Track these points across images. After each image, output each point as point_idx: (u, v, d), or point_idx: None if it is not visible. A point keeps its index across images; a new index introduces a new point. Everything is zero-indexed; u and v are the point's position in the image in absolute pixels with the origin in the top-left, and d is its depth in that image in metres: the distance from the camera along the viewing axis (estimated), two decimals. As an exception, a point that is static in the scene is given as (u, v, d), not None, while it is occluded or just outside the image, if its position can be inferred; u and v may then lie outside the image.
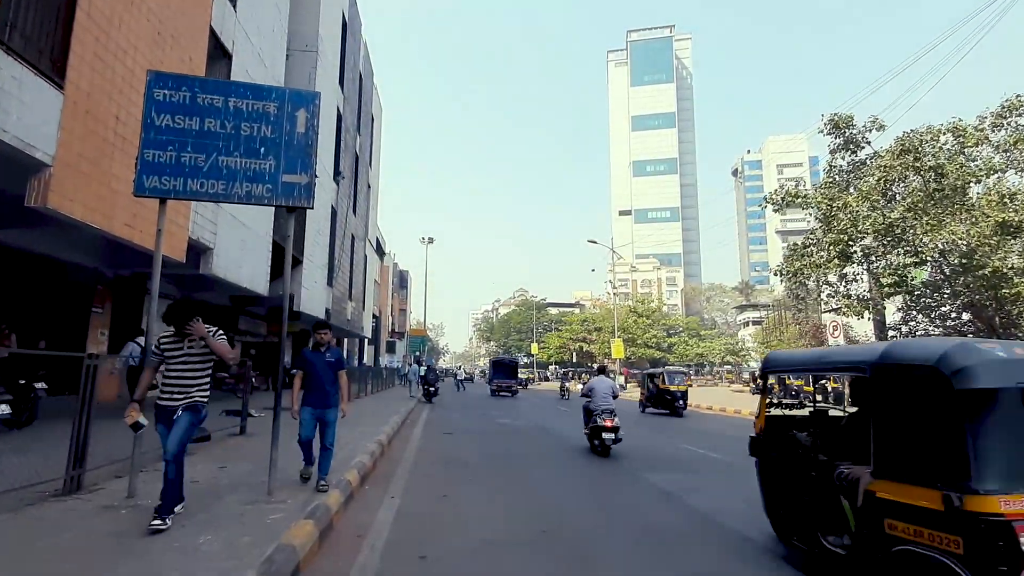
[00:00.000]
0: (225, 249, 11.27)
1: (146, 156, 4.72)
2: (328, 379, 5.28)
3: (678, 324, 65.82)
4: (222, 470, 5.73)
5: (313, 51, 18.31)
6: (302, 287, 17.26)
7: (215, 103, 4.91)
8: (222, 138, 4.88)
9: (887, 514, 2.93)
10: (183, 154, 4.79)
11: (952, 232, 14.97)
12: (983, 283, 16.11)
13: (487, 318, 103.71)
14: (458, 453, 8.92)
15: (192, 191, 4.78)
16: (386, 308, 51.56)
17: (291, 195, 4.94)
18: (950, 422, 2.70)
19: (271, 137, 4.98)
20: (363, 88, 28.23)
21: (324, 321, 5.54)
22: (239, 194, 4.85)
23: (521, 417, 15.94)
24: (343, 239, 24.16)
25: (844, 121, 17.82)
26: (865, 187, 16.70)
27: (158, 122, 4.79)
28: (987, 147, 16.96)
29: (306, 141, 5.05)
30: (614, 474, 7.47)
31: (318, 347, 5.35)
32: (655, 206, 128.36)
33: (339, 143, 22.27)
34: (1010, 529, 2.39)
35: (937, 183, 15.81)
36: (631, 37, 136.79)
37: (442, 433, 11.70)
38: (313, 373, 5.25)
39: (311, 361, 5.29)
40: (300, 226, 17.36)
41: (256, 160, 4.91)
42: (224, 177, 4.83)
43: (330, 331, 5.41)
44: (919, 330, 22.01)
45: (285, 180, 4.94)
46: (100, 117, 7.26)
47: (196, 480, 5.34)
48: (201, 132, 4.85)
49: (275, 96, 5.06)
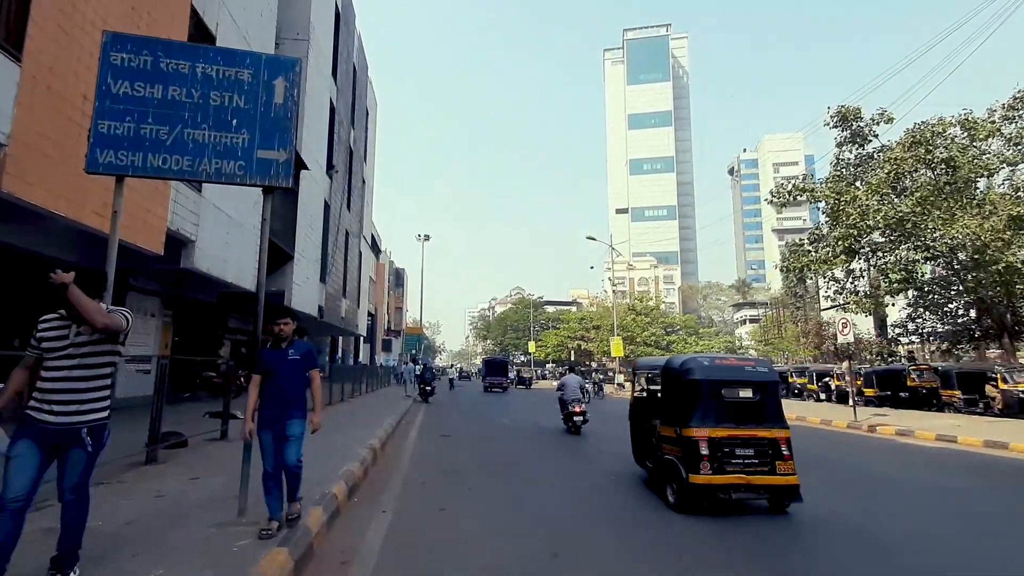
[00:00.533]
0: (209, 242, 10.66)
1: (100, 127, 4.14)
2: (294, 383, 4.09)
3: (676, 323, 65.43)
4: (193, 482, 5.16)
5: (305, 40, 17.68)
6: (293, 283, 16.64)
7: (181, 69, 4.33)
8: (188, 108, 4.30)
9: (661, 440, 5.85)
10: (143, 126, 4.21)
11: (965, 226, 14.53)
12: (995, 279, 15.69)
13: (483, 316, 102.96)
14: (457, 458, 8.37)
15: (153, 168, 4.20)
16: (382, 306, 50.90)
17: (267, 173, 4.37)
18: (681, 396, 5.59)
19: (245, 108, 4.40)
20: (357, 81, 27.58)
21: (284, 308, 4.25)
22: (207, 171, 4.27)
23: (521, 417, 15.40)
24: (337, 234, 23.54)
25: (852, 113, 17.36)
26: (875, 180, 16.23)
27: (115, 89, 4.21)
28: (998, 140, 16.53)
29: (285, 113, 4.48)
30: (623, 481, 6.93)
31: (279, 343, 4.13)
32: (652, 204, 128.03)
33: (332, 135, 21.65)
34: (696, 442, 5.20)
35: (949, 176, 15.36)
36: (628, 36, 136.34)
37: (439, 436, 11.15)
38: (275, 377, 4.04)
39: (271, 362, 4.05)
40: (289, 218, 16.76)
41: (227, 134, 4.33)
42: (190, 152, 4.26)
43: (293, 321, 4.19)
44: (925, 328, 21.62)
45: (260, 156, 4.36)
46: (66, 95, 6.66)
47: (162, 494, 4.77)
48: (164, 101, 4.27)
49: (249, 62, 4.49)
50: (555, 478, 6.97)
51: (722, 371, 5.62)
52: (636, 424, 6.89)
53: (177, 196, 9.55)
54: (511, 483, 6.67)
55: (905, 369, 19.51)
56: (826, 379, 25.14)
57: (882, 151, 17.31)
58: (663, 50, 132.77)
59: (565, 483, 6.66)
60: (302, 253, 17.58)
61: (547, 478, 6.96)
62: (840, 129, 17.80)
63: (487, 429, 12.63)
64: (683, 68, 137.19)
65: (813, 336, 32.75)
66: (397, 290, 63.96)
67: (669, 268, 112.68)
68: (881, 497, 6.41)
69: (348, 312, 26.87)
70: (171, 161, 4.22)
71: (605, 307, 61.96)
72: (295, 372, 4.08)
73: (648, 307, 60.89)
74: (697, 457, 5.15)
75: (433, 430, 12.05)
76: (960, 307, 19.71)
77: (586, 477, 7.05)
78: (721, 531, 4.69)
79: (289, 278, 16.56)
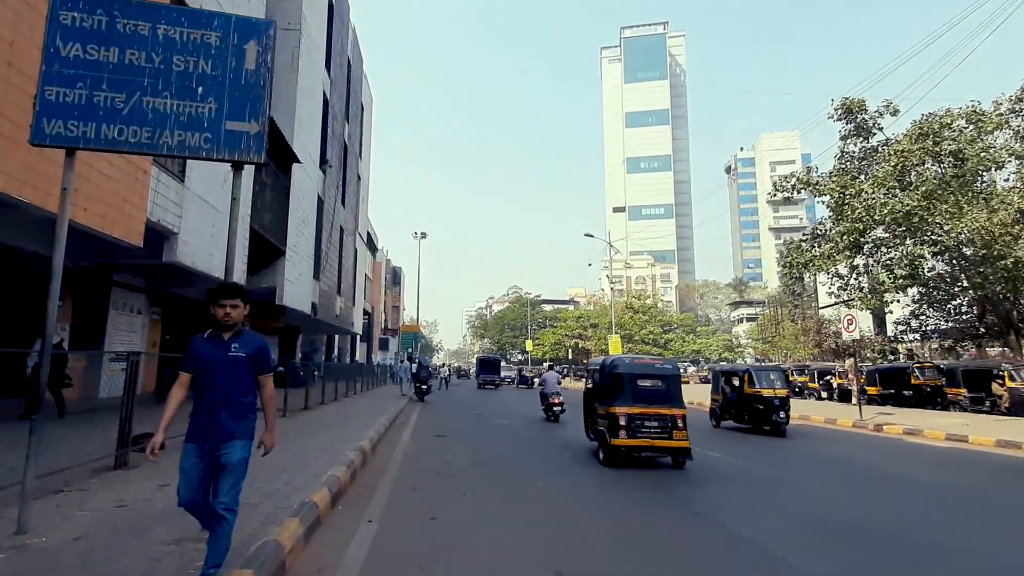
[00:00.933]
0: (193, 235, 10.20)
1: (47, 95, 3.70)
2: (235, 389, 2.94)
3: (673, 321, 65.14)
4: (162, 490, 4.71)
5: (296, 29, 17.21)
6: (285, 279, 16.17)
7: (140, 30, 3.88)
8: (148, 74, 3.85)
9: (597, 417, 8.03)
10: (96, 93, 3.76)
11: (975, 220, 14.16)
12: (1003, 274, 15.34)
13: (481, 315, 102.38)
14: (451, 460, 7.94)
15: (107, 140, 3.76)
16: (379, 305, 50.41)
17: (236, 147, 3.93)
18: (610, 385, 7.76)
19: (212, 74, 3.96)
20: (352, 75, 27.09)
21: (231, 285, 3.06)
22: (169, 144, 3.83)
23: (518, 417, 14.98)
24: (331, 231, 23.06)
25: (857, 105, 16.95)
26: (881, 173, 15.83)
27: (65, 52, 3.77)
28: (1005, 132, 16.20)
29: (257, 81, 4.04)
30: (631, 489, 6.53)
31: (221, 332, 3.00)
32: (649, 203, 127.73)
33: (326, 129, 21.17)
34: (617, 416, 7.39)
35: (957, 168, 15.00)
36: (625, 34, 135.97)
37: (433, 436, 10.72)
38: (210, 378, 2.92)
39: (205, 357, 2.94)
40: (280, 212, 16.28)
41: (192, 103, 3.89)
42: (150, 123, 3.81)
43: (245, 304, 3.05)
44: (928, 325, 21.30)
45: (229, 128, 3.92)
46: (28, 72, 6.18)
47: (124, 504, 4.33)
48: (121, 66, 3.82)
49: (217, 24, 4.04)
50: (538, 462, 8.10)
51: (639, 367, 8.00)
52: (586, 407, 9.02)
53: (158, 186, 9.08)
54: (508, 486, 6.26)
55: (909, 367, 19.18)
56: (827, 377, 24.82)
57: (887, 144, 16.92)
58: (660, 48, 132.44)
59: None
60: (294, 248, 17.11)
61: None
62: (844, 122, 17.40)
63: (482, 427, 12.22)
64: (680, 66, 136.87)
65: (813, 334, 32.43)
66: (394, 289, 63.44)
67: (666, 267, 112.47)
68: (910, 501, 6.03)
69: (343, 310, 26.39)
70: (128, 132, 3.78)
71: (603, 305, 61.63)
72: (237, 374, 2.95)
73: (646, 305, 60.57)
74: (618, 427, 7.41)
75: (427, 430, 11.62)
76: (964, 304, 19.38)
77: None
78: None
79: (281, 274, 16.09)
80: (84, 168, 7.10)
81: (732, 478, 7.08)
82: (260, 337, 3.14)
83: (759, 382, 11.86)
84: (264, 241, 14.74)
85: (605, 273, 72.69)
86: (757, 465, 8.16)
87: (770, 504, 5.71)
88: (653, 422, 7.40)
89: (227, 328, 3.01)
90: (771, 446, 10.20)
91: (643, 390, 7.65)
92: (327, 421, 11.00)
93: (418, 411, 16.15)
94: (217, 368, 2.93)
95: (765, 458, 8.90)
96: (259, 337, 3.13)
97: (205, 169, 10.50)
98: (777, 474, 7.53)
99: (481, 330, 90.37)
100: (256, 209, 13.88)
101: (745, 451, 9.52)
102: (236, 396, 2.95)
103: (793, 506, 5.67)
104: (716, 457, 8.62)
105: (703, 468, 7.62)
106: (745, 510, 5.42)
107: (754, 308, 72.48)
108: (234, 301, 2.99)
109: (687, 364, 54.52)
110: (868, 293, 17.13)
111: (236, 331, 3.03)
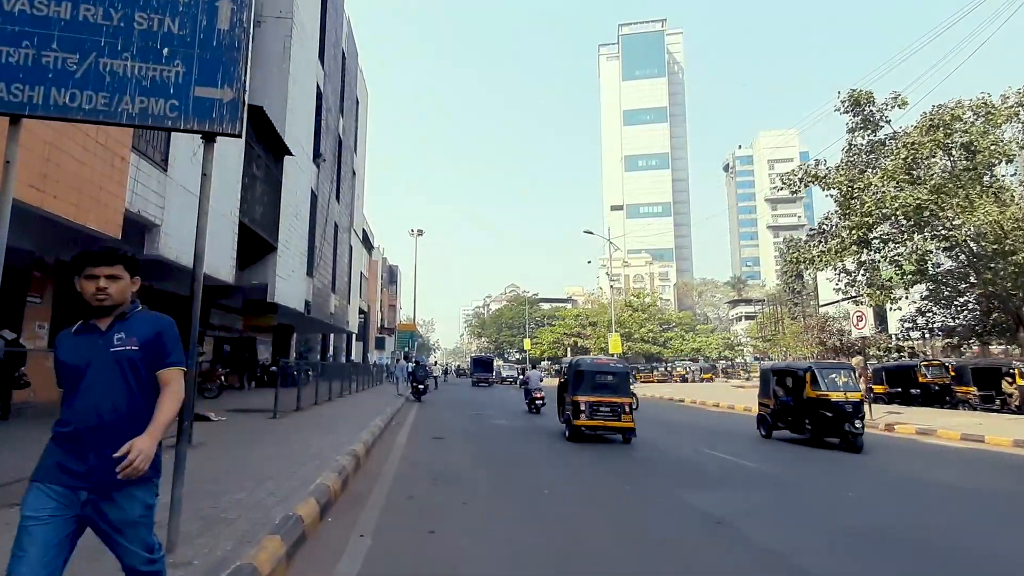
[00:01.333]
0: (177, 227, 9.70)
1: (-12, 54, 3.21)
2: (124, 400, 1.93)
3: (672, 319, 64.81)
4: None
5: (288, 18, 16.68)
6: (277, 276, 15.68)
7: (97, -17, 3.40)
8: (106, 33, 3.38)
9: (566, 404, 10.41)
10: (45, 53, 3.28)
11: (987, 214, 13.77)
12: (1014, 270, 14.99)
13: (478, 314, 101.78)
14: (450, 464, 7.50)
15: (58, 106, 3.28)
16: (375, 303, 49.84)
17: (207, 116, 3.46)
18: (575, 378, 10.00)
19: (179, 34, 3.49)
20: (346, 68, 26.56)
21: (106, 247, 1.99)
22: (129, 112, 3.36)
23: (517, 418, 14.55)
24: (325, 227, 22.55)
25: (865, 97, 16.55)
26: (891, 166, 15.43)
27: (9, 7, 3.28)
28: (1014, 125, 15.84)
29: (231, 43, 3.57)
30: (639, 493, 6.10)
31: (95, 321, 2.01)
32: (647, 201, 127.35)
33: (319, 122, 20.65)
34: (579, 403, 9.58)
35: (968, 161, 14.62)
36: (623, 31, 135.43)
37: (431, 437, 10.28)
38: (82, 388, 1.91)
39: (71, 358, 1.94)
40: (272, 207, 15.78)
41: (156, 65, 3.42)
42: (107, 87, 3.34)
43: (130, 273, 2.03)
44: (935, 323, 20.96)
45: (199, 94, 3.45)
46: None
47: (84, 520, 3.86)
48: (74, 23, 3.35)
49: (185, -23, 3.56)
50: (538, 462, 7.43)
51: (597, 366, 10.32)
52: (559, 397, 11.32)
53: (138, 174, 8.59)
54: (512, 494, 5.82)
55: (916, 365, 18.82)
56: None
57: (895, 137, 16.53)
58: (658, 45, 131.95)
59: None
60: (287, 244, 16.62)
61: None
62: (851, 114, 17.00)
63: (480, 426, 11.79)
64: (678, 64, 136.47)
65: (816, 332, 32.10)
66: (390, 287, 62.83)
67: (664, 265, 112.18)
68: (956, 511, 5.63)
69: (338, 308, 25.89)
70: (82, 98, 3.30)
71: (601, 304, 61.28)
72: (126, 378, 1.94)
73: (645, 303, 60.23)
74: (579, 411, 9.46)
75: (424, 431, 11.17)
76: (972, 300, 19.04)
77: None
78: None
79: (272, 270, 15.60)
80: (54, 152, 6.63)
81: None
82: (161, 317, 2.15)
83: (823, 383, 9.54)
84: (254, 236, 14.25)
85: (604, 271, 72.31)
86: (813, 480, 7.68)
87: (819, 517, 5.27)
88: (606, 408, 9.48)
89: (104, 312, 1.97)
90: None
91: (600, 383, 9.74)
92: (320, 422, 10.54)
93: (415, 411, 15.70)
94: (95, 374, 1.90)
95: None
96: (159, 317, 2.14)
97: (189, 158, 10.01)
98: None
99: (479, 329, 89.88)
100: (246, 202, 13.39)
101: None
102: (126, 412, 1.91)
103: (830, 516, 5.24)
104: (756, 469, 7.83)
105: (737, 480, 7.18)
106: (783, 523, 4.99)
107: (752, 306, 72.23)
108: (112, 269, 1.95)
109: (687, 362, 54.21)
110: (877, 289, 16.73)
111: (120, 314, 2.01)
